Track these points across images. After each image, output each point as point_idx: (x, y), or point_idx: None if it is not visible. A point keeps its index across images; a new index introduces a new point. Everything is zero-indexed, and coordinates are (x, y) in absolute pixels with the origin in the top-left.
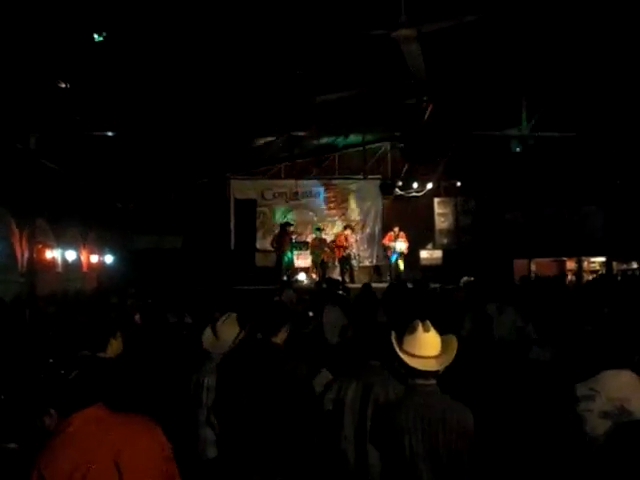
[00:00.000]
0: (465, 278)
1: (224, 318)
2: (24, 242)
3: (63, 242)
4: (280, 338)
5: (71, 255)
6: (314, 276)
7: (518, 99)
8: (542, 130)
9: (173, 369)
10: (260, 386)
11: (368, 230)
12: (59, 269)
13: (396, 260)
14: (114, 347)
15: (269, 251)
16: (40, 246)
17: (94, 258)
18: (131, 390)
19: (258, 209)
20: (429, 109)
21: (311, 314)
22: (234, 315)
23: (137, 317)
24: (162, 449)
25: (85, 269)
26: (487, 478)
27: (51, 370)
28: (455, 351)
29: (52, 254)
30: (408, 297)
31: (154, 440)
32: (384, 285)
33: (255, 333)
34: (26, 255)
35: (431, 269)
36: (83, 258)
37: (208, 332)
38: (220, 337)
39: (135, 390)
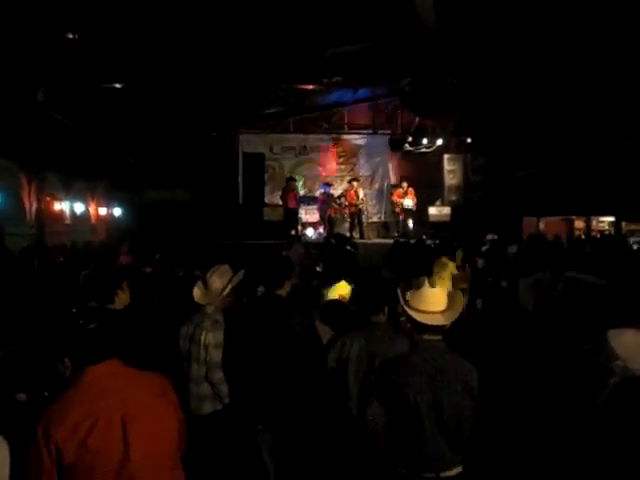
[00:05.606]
0: (490, 236)
1: (214, 269)
2: (32, 194)
3: (71, 194)
4: (284, 291)
5: (79, 207)
6: (322, 231)
7: (530, 52)
8: (556, 82)
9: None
10: (265, 338)
11: (377, 186)
12: (67, 221)
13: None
14: (121, 299)
15: (277, 205)
16: (48, 198)
17: (102, 211)
18: (143, 344)
19: (267, 163)
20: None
21: (319, 269)
22: (225, 266)
23: (147, 269)
24: (174, 409)
25: (94, 221)
26: (489, 434)
27: (71, 320)
28: (462, 306)
29: (60, 206)
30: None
31: (167, 401)
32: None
33: (254, 286)
34: (35, 207)
35: (439, 226)
36: (91, 210)
37: (198, 285)
38: (209, 287)
39: (145, 344)
